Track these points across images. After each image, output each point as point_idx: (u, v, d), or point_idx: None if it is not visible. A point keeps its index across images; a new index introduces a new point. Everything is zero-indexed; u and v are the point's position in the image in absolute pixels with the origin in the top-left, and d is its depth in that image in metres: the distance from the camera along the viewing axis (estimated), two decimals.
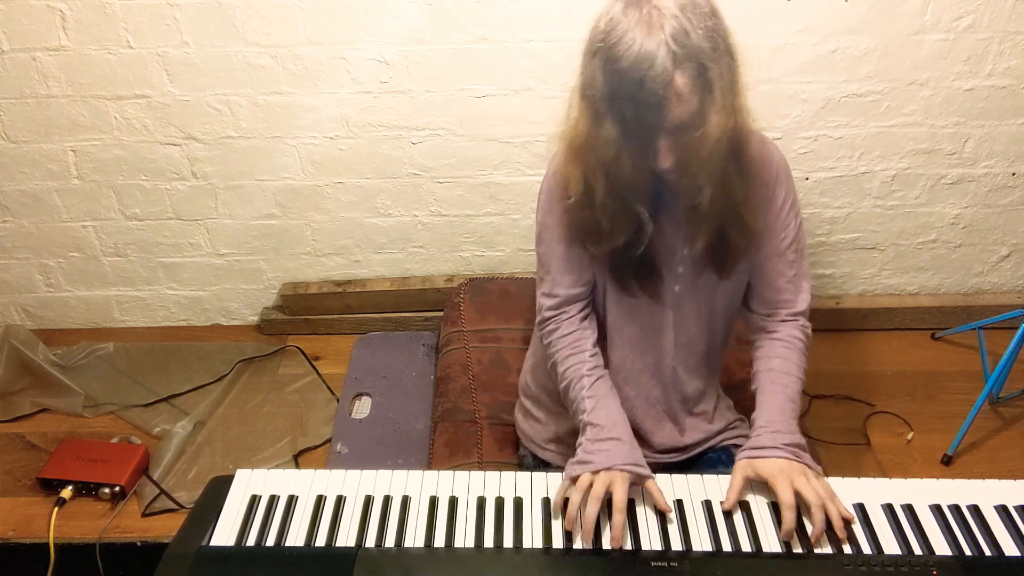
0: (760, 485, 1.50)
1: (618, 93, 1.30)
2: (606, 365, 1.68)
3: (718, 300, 1.64)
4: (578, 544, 1.39)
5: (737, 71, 1.34)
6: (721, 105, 1.31)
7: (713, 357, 1.76)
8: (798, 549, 1.38)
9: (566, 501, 1.45)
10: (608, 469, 1.46)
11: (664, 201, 1.50)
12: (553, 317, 1.66)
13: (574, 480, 1.47)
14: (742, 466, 1.50)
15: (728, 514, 1.44)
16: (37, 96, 2.48)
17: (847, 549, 1.37)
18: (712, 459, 1.79)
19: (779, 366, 1.62)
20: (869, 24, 2.36)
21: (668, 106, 1.28)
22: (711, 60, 1.28)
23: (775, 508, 1.45)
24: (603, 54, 1.31)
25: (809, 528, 1.40)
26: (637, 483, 1.48)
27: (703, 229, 1.49)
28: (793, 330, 1.66)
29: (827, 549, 1.38)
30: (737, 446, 1.82)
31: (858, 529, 1.41)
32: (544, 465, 1.84)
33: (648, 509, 1.45)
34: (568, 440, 1.78)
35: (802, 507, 1.42)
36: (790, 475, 1.45)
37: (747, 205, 1.50)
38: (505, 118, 2.53)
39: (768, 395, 1.60)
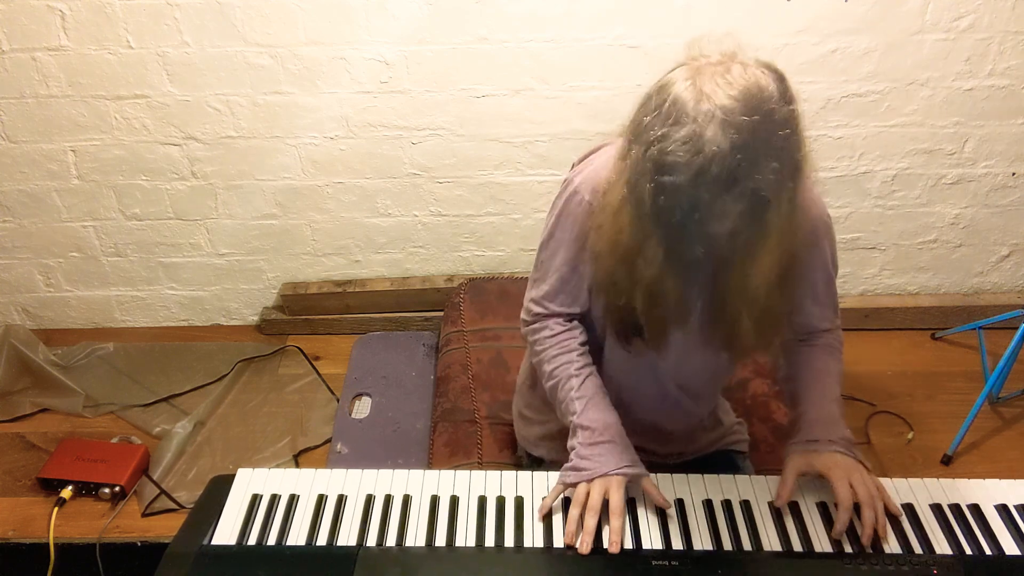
0: (762, 486, 1.49)
1: (664, 211, 1.19)
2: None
3: (723, 356, 1.60)
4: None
5: (802, 190, 1.25)
6: (775, 245, 1.23)
7: (715, 390, 1.74)
8: (798, 548, 1.38)
9: (560, 505, 1.45)
10: (604, 476, 1.43)
11: None
12: (540, 319, 1.60)
13: (570, 487, 1.45)
14: (795, 461, 1.47)
15: (729, 513, 1.44)
16: (37, 96, 2.48)
17: (848, 548, 1.37)
18: (710, 464, 1.78)
19: (822, 367, 1.59)
20: (869, 24, 2.36)
21: (713, 236, 1.20)
22: (774, 197, 1.17)
23: (776, 509, 1.45)
24: (655, 156, 1.16)
25: (858, 526, 1.40)
26: (634, 482, 1.46)
27: (741, 349, 1.44)
28: (830, 339, 1.63)
29: (827, 548, 1.38)
30: (737, 451, 1.82)
31: (858, 528, 1.41)
32: (538, 462, 1.83)
33: (649, 508, 1.45)
34: (560, 437, 1.75)
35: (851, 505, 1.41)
36: (847, 470, 1.43)
37: (787, 302, 1.42)
38: (505, 118, 2.54)
39: (814, 392, 1.56)
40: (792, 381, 1.62)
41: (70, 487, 2.29)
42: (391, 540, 1.39)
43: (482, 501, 1.46)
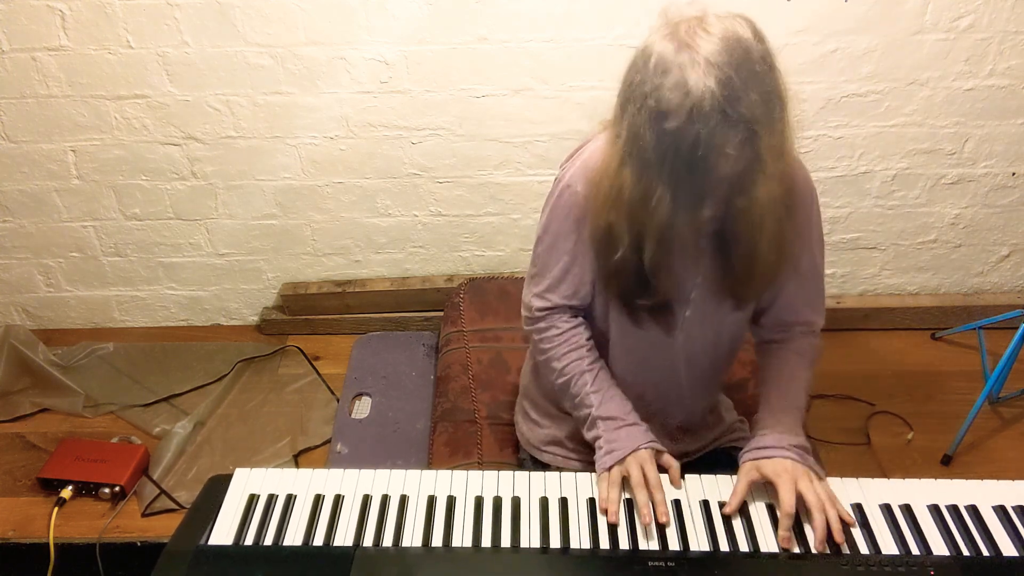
0: (759, 488, 1.49)
1: (668, 153, 1.24)
2: None
3: (728, 324, 1.62)
4: (623, 540, 1.41)
5: (788, 129, 1.32)
6: (771, 172, 1.28)
7: (719, 373, 1.76)
8: (796, 549, 1.37)
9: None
10: (635, 451, 1.49)
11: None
12: (545, 316, 1.63)
13: (606, 472, 1.49)
14: (747, 469, 1.49)
15: (727, 514, 1.44)
16: (37, 96, 2.48)
17: (845, 549, 1.37)
18: (712, 462, 1.78)
19: (788, 372, 1.61)
20: (869, 24, 2.36)
21: (717, 167, 1.25)
22: (763, 127, 1.24)
23: (773, 510, 1.45)
24: (650, 108, 1.24)
25: (809, 532, 1.40)
26: (657, 460, 1.51)
27: (755, 282, 1.48)
28: (805, 343, 1.65)
29: (825, 549, 1.37)
30: (737, 448, 1.82)
31: (856, 529, 1.41)
32: (543, 467, 1.83)
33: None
34: (568, 443, 1.77)
35: (802, 510, 1.42)
36: (794, 476, 1.44)
37: (784, 246, 1.46)
38: (505, 118, 2.54)
39: (775, 398, 1.59)
40: (760, 386, 1.65)
41: (70, 487, 2.29)
42: (388, 540, 1.39)
43: (479, 501, 1.46)
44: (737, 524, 1.42)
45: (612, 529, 1.41)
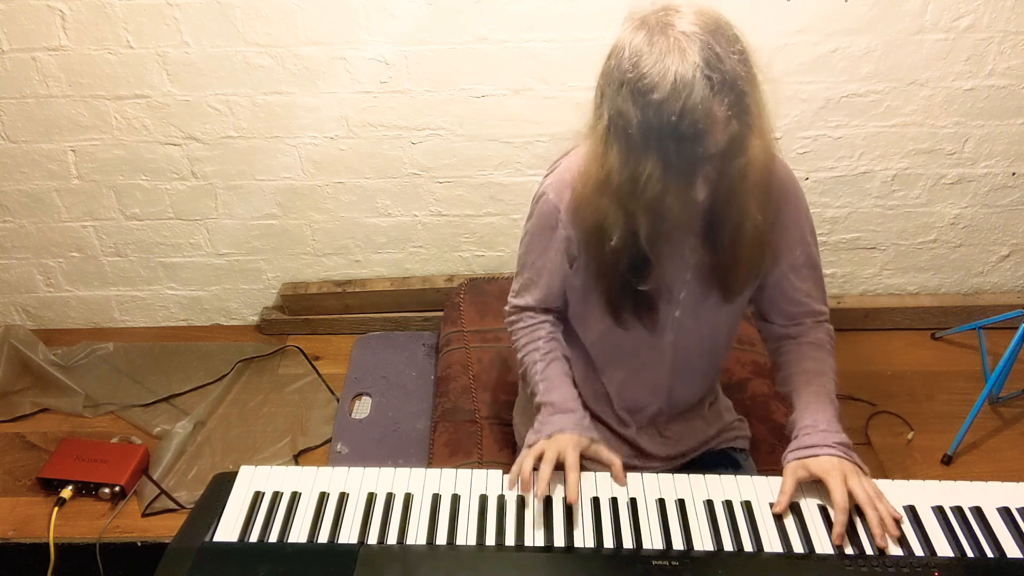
0: (765, 487, 1.49)
1: (655, 126, 1.24)
2: (600, 387, 1.72)
3: (721, 320, 1.63)
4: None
5: (765, 94, 1.32)
6: (760, 130, 1.30)
7: (713, 369, 1.76)
8: (799, 549, 1.37)
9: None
10: (560, 431, 1.53)
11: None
12: (516, 311, 1.72)
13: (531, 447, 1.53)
14: (793, 468, 1.48)
15: (730, 513, 1.43)
16: (37, 96, 2.48)
17: (849, 550, 1.37)
18: (711, 463, 1.79)
19: (813, 367, 1.60)
20: (869, 24, 2.36)
21: (708, 136, 1.24)
22: (747, 84, 1.25)
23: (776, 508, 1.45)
24: (632, 86, 1.24)
25: (861, 529, 1.40)
26: (586, 449, 1.53)
27: (743, 256, 1.47)
28: (820, 332, 1.65)
29: (828, 550, 1.37)
30: (735, 448, 1.82)
31: (860, 529, 1.41)
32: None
33: (650, 507, 1.45)
34: None
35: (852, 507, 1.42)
36: (844, 473, 1.43)
37: (772, 226, 1.48)
38: (505, 118, 2.54)
39: (808, 396, 1.57)
40: (786, 384, 1.64)
41: (70, 487, 2.29)
42: (392, 538, 1.39)
43: (483, 500, 1.46)
44: (741, 524, 1.42)
45: (616, 528, 1.41)
